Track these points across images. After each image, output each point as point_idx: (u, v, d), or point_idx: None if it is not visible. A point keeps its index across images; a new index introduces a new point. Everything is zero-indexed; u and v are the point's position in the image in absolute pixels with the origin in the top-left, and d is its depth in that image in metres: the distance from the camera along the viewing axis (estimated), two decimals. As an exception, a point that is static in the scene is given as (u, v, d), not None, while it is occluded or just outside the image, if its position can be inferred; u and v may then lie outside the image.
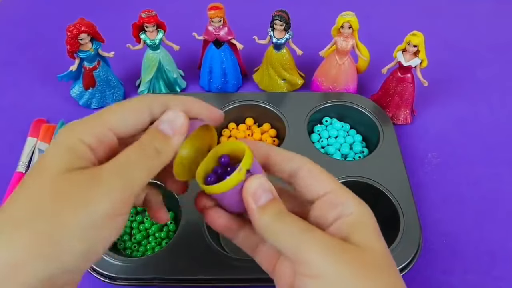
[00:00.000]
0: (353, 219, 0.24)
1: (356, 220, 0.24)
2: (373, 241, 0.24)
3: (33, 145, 0.55)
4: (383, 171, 0.49)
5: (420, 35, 0.51)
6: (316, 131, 0.56)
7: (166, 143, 0.24)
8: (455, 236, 0.48)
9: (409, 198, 0.46)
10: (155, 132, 0.25)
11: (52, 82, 0.61)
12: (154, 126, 0.25)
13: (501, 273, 0.45)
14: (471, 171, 0.54)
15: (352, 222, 0.24)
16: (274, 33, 0.56)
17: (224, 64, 0.59)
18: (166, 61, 0.59)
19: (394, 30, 0.60)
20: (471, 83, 0.65)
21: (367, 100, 0.57)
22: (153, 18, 0.55)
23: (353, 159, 0.53)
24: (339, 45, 0.56)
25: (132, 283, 0.42)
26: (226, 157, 0.27)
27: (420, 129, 0.58)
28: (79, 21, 0.53)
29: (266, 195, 0.24)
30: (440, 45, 0.68)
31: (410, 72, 0.55)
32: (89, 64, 0.56)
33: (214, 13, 0.54)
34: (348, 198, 0.25)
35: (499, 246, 0.47)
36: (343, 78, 0.58)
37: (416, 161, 0.54)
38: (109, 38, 0.56)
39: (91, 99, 0.60)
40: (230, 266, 0.41)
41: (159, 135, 0.24)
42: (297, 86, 0.63)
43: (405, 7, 0.78)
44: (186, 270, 0.41)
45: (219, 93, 0.61)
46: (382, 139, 0.52)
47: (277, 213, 0.24)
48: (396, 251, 0.42)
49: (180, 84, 0.63)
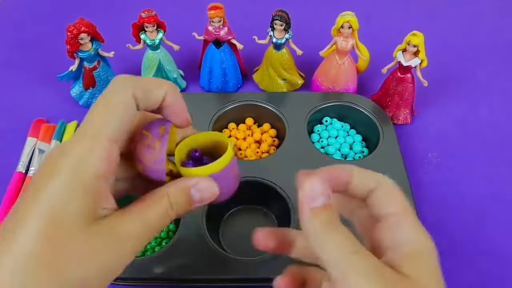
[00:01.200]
0: (409, 249, 0.22)
1: (413, 250, 0.22)
2: (428, 275, 0.22)
3: (33, 145, 0.55)
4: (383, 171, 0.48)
5: (420, 35, 0.51)
6: (316, 131, 0.56)
7: (188, 206, 0.24)
8: (455, 236, 0.48)
9: (409, 198, 0.46)
10: (186, 195, 0.24)
11: (52, 82, 0.61)
12: (187, 186, 0.24)
13: (501, 273, 0.45)
14: (471, 171, 0.54)
15: (408, 251, 0.22)
16: (274, 33, 0.56)
17: (224, 64, 0.59)
18: (166, 61, 0.59)
19: (394, 30, 0.60)
20: (471, 83, 0.65)
21: (367, 100, 0.57)
22: (153, 18, 0.55)
23: (353, 159, 0.53)
24: (339, 45, 0.56)
25: (132, 283, 0.42)
26: (198, 151, 0.26)
27: (420, 129, 0.58)
28: (79, 21, 0.53)
29: (323, 198, 0.22)
30: (440, 45, 0.68)
31: (410, 72, 0.55)
32: (89, 64, 0.56)
33: (214, 13, 0.54)
34: (410, 225, 0.22)
35: (499, 246, 0.47)
36: (343, 78, 0.58)
37: (416, 161, 0.54)
38: (109, 38, 0.56)
39: (91, 99, 0.60)
40: (230, 266, 0.41)
41: (187, 198, 0.24)
42: (297, 86, 0.63)
43: (405, 7, 0.78)
44: (186, 270, 0.41)
45: (219, 93, 0.61)
46: (382, 139, 0.52)
47: (330, 221, 0.22)
48: (396, 251, 0.42)
49: (180, 84, 0.63)
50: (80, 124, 0.23)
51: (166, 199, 0.23)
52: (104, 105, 0.23)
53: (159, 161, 0.24)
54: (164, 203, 0.23)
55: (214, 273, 0.41)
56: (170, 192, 0.24)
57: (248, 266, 0.41)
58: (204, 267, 0.41)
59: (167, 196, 0.23)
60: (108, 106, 0.23)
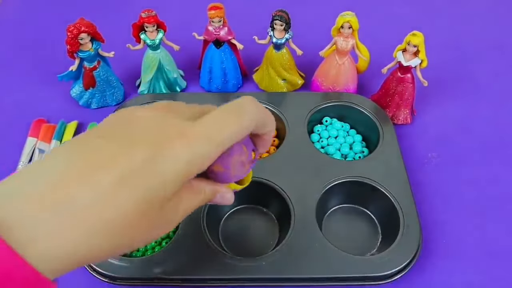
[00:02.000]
0: None
1: None
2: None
3: (33, 145, 0.55)
4: (383, 171, 0.49)
5: (420, 35, 0.51)
6: (316, 131, 0.56)
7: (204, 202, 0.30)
8: (455, 236, 0.48)
9: (409, 198, 0.46)
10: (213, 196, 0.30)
11: (52, 82, 0.61)
12: (218, 191, 0.30)
13: (502, 273, 0.45)
14: (471, 171, 0.54)
15: None
16: (274, 33, 0.56)
17: (224, 64, 0.59)
18: (166, 61, 0.59)
19: (394, 30, 0.60)
20: (471, 83, 0.65)
21: (367, 100, 0.57)
22: (153, 18, 0.55)
23: (353, 159, 0.53)
24: (339, 45, 0.56)
25: (132, 283, 0.42)
26: None
27: (420, 129, 0.58)
28: (79, 21, 0.53)
29: None
30: (440, 45, 0.68)
31: (410, 72, 0.55)
32: (89, 64, 0.56)
33: (214, 13, 0.54)
34: None
35: (499, 246, 0.47)
36: (343, 78, 0.58)
37: (416, 161, 0.54)
38: (109, 38, 0.56)
39: (91, 99, 0.60)
40: (230, 266, 0.41)
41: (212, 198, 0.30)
42: (297, 86, 0.63)
43: (405, 7, 0.78)
44: (186, 270, 0.41)
45: (219, 93, 0.61)
46: (382, 139, 0.53)
47: None
48: (396, 251, 0.42)
49: (180, 84, 0.63)
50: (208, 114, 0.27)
51: (202, 194, 0.29)
52: (235, 120, 0.27)
53: (240, 176, 0.30)
54: (200, 197, 0.29)
55: (214, 273, 0.41)
56: (207, 190, 0.29)
57: (248, 266, 0.41)
58: (204, 267, 0.41)
59: (204, 193, 0.29)
60: (239, 124, 0.27)
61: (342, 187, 0.48)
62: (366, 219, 0.48)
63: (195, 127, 0.26)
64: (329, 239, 0.43)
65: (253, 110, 0.28)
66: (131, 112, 0.27)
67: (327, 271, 0.41)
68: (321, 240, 0.43)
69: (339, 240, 0.45)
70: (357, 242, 0.47)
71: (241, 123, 0.27)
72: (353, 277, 0.41)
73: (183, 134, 0.25)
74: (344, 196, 0.49)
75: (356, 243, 0.46)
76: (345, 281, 0.42)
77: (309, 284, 0.42)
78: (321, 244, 0.43)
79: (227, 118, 0.27)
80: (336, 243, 0.43)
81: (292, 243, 0.43)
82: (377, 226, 0.48)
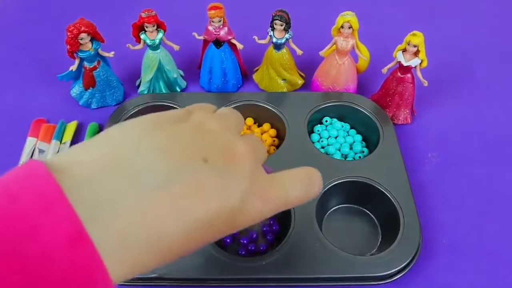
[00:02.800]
0: None
1: None
2: None
3: (33, 145, 0.55)
4: (383, 171, 0.49)
5: (420, 35, 0.51)
6: (316, 131, 0.56)
7: None
8: (455, 236, 0.48)
9: (409, 198, 0.46)
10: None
11: (52, 82, 0.61)
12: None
13: (501, 273, 0.45)
14: (471, 171, 0.54)
15: None
16: (274, 33, 0.56)
17: (224, 64, 0.59)
18: (166, 61, 0.59)
19: (394, 30, 0.60)
20: (471, 83, 0.65)
21: (367, 100, 0.57)
22: (153, 18, 0.55)
23: (353, 159, 0.53)
24: (339, 45, 0.56)
25: (132, 283, 0.42)
26: None
27: (420, 129, 0.58)
28: (79, 21, 0.53)
29: None
30: (440, 45, 0.68)
31: (410, 72, 0.55)
32: (89, 64, 0.56)
33: (214, 13, 0.54)
34: None
35: (500, 246, 0.47)
36: (343, 78, 0.58)
37: (416, 161, 0.54)
38: (109, 38, 0.56)
39: (91, 99, 0.60)
40: (230, 266, 0.41)
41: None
42: (297, 86, 0.63)
43: (405, 7, 0.78)
44: (186, 270, 0.41)
45: (219, 93, 0.61)
46: (382, 139, 0.53)
47: None
48: (396, 251, 0.42)
49: (180, 84, 0.63)
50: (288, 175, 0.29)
51: None
52: (307, 191, 0.30)
53: None
54: None
55: (214, 273, 0.41)
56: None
57: (248, 266, 0.41)
58: (204, 267, 0.41)
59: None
60: (308, 198, 0.30)
61: (342, 187, 0.48)
62: (366, 219, 0.48)
63: (277, 190, 0.27)
64: (329, 239, 0.43)
65: (321, 185, 0.30)
66: (202, 124, 0.27)
67: (327, 271, 0.41)
68: (321, 240, 0.43)
69: (339, 240, 0.45)
70: (357, 242, 0.47)
71: (309, 197, 0.29)
72: (353, 277, 0.41)
73: (264, 195, 0.26)
74: (344, 196, 0.49)
75: (356, 243, 0.46)
76: (345, 281, 0.42)
77: (309, 284, 0.42)
78: (321, 244, 0.43)
79: (302, 187, 0.29)
80: (336, 243, 0.43)
81: (292, 243, 0.43)
82: (377, 226, 0.48)
